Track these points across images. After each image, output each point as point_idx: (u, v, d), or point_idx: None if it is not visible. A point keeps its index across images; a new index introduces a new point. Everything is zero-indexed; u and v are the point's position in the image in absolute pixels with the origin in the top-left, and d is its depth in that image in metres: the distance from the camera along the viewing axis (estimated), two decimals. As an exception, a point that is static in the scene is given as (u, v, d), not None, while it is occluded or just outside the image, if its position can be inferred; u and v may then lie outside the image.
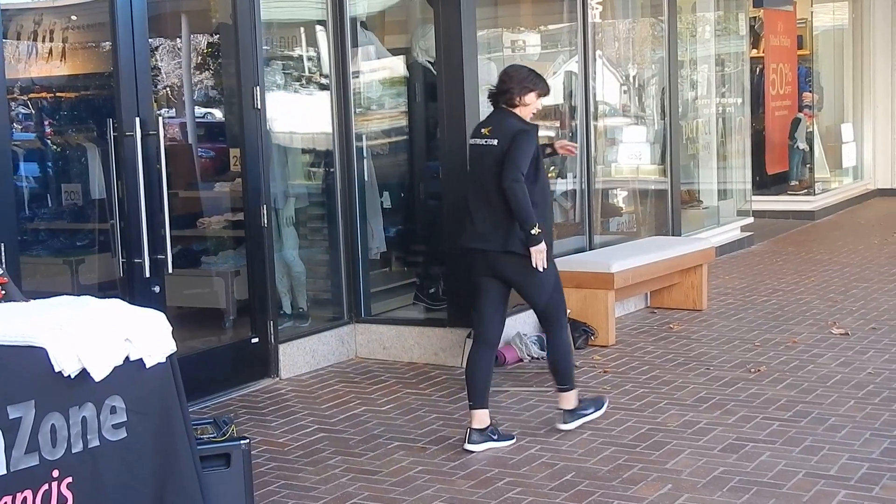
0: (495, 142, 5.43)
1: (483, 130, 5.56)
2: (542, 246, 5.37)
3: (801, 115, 14.56)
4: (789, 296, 9.11)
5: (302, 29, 7.85)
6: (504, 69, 5.75)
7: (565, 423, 5.65)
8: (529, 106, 5.52)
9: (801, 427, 5.60)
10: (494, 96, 5.59)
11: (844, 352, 7.14)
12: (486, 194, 5.46)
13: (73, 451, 3.39)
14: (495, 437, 5.44)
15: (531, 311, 7.54)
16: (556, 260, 7.06)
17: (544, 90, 5.58)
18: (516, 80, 5.50)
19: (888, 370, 6.63)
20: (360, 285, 7.54)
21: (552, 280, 5.57)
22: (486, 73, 8.34)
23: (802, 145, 14.56)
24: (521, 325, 7.48)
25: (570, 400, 5.65)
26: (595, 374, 6.82)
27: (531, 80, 5.51)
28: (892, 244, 11.70)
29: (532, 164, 5.36)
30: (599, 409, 5.75)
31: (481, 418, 5.44)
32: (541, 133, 9.25)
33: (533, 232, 5.30)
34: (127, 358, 3.57)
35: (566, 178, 9.16)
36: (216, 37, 8.20)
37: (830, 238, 12.53)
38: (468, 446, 5.38)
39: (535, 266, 5.37)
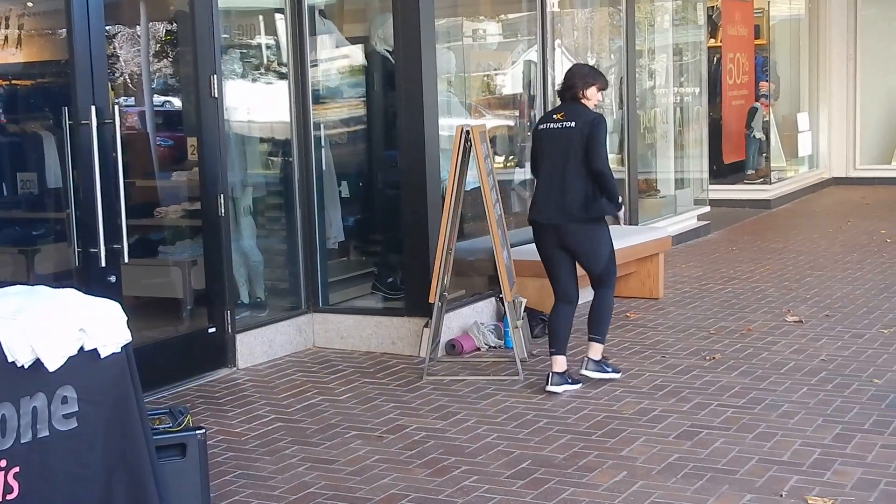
0: (573, 124, 6.15)
1: (556, 116, 6.28)
2: (624, 208, 6.45)
3: (757, 104, 14.67)
4: (745, 284, 9.20)
5: (260, 17, 7.82)
6: (569, 68, 6.50)
7: (587, 369, 6.29)
8: (591, 99, 6.27)
9: (754, 414, 5.67)
10: (562, 92, 6.35)
11: (798, 339, 7.22)
12: (563, 173, 6.15)
13: (22, 442, 3.38)
14: (570, 382, 6.19)
15: (488, 300, 7.63)
16: (514, 249, 7.15)
17: (604, 84, 6.35)
18: (579, 76, 6.28)
19: (841, 357, 6.72)
20: (317, 275, 7.54)
21: (608, 251, 6.32)
22: (446, 63, 8.35)
23: (759, 134, 14.68)
24: (479, 315, 7.51)
25: (597, 350, 6.32)
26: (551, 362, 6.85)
27: (592, 76, 6.30)
28: (847, 232, 11.84)
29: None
30: (617, 373, 6.38)
31: (561, 363, 6.19)
32: (498, 123, 9.34)
33: (619, 201, 6.25)
34: (81, 348, 3.57)
35: (523, 167, 9.19)
36: (174, 25, 8.15)
37: (786, 227, 12.65)
38: (550, 388, 6.11)
39: (621, 219, 6.72)
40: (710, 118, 13.52)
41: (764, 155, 14.85)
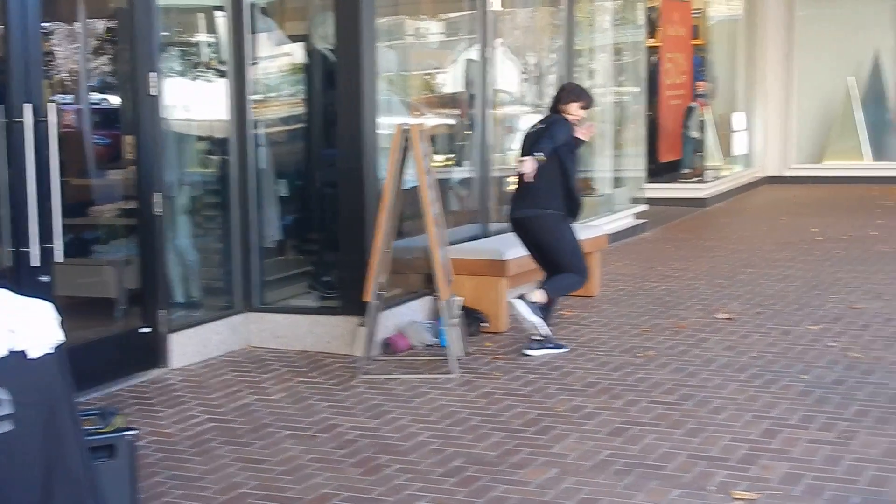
0: (543, 126, 7.07)
1: (537, 123, 7.24)
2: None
3: (694, 103, 14.86)
4: (678, 281, 9.32)
5: (201, 14, 7.79)
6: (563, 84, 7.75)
7: (522, 299, 6.92)
8: (573, 114, 7.06)
9: (684, 410, 5.76)
10: (551, 104, 7.31)
11: (729, 336, 7.34)
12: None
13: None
14: (550, 346, 6.99)
15: (424, 299, 7.67)
16: (451, 248, 7.20)
17: (587, 103, 7.19)
18: (565, 92, 7.24)
19: (770, 354, 6.84)
20: (253, 274, 7.52)
21: (570, 245, 7.12)
22: (386, 61, 8.36)
23: (695, 134, 14.86)
24: (415, 313, 7.55)
25: (538, 295, 6.94)
26: (486, 360, 6.92)
27: (575, 94, 7.19)
28: (779, 230, 12.03)
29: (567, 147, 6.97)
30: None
31: (538, 295, 6.93)
32: (439, 122, 9.36)
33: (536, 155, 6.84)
34: (11, 349, 3.54)
35: (462, 165, 9.24)
36: (113, 21, 8.09)
37: (720, 225, 12.83)
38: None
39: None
40: (648, 117, 13.67)
41: (700, 154, 15.03)
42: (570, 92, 7.25)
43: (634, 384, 6.27)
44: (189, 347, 6.97)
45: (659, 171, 14.65)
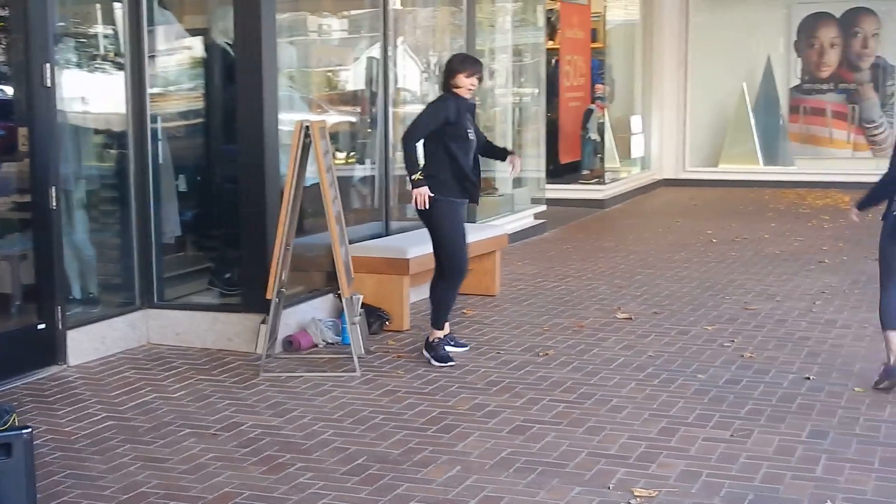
0: None
1: None
2: (423, 190, 6.64)
3: (593, 106, 15.04)
4: (578, 281, 9.43)
5: (98, 5, 7.64)
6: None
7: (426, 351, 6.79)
8: (462, 87, 6.74)
9: (585, 408, 5.83)
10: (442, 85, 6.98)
11: (628, 335, 7.45)
12: None
13: None
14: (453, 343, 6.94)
15: (326, 296, 7.64)
16: (353, 245, 7.17)
17: (474, 70, 6.78)
18: (450, 65, 6.84)
19: (667, 353, 6.96)
20: (152, 270, 7.41)
21: (450, 236, 6.76)
22: (288, 57, 8.31)
23: (594, 136, 15.05)
24: (317, 311, 7.51)
25: (434, 333, 6.83)
26: (389, 358, 6.92)
27: (458, 64, 6.80)
28: (676, 232, 12.25)
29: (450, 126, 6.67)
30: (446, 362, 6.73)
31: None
32: (340, 119, 9.32)
33: (411, 178, 6.70)
34: None
35: (364, 163, 9.22)
36: (6, 10, 7.89)
37: (618, 226, 13.01)
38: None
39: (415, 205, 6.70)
40: (548, 119, 13.80)
41: (598, 156, 15.22)
42: (457, 63, 6.81)
43: (535, 383, 6.33)
44: (87, 344, 6.83)
45: (559, 172, 14.80)
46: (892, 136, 16.22)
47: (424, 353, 6.82)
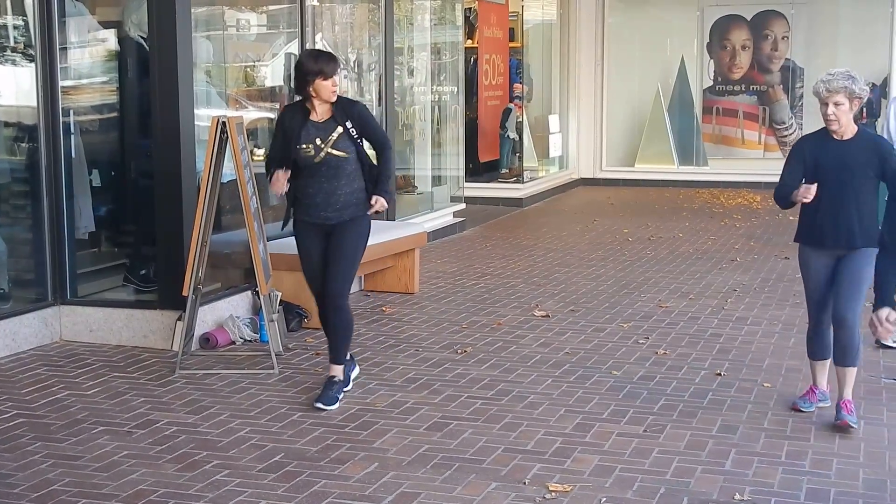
0: None
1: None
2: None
3: (511, 105, 15.12)
4: (496, 280, 9.48)
5: (7, -5, 7.49)
6: None
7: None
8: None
9: (502, 405, 5.87)
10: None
11: (545, 333, 7.52)
12: None
13: None
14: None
15: (244, 293, 7.59)
16: (271, 242, 7.12)
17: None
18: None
19: (583, 350, 7.04)
20: (65, 265, 7.30)
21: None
22: (205, 52, 8.23)
23: (512, 135, 15.13)
24: (234, 308, 7.46)
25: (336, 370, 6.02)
26: (307, 356, 6.90)
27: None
28: (593, 231, 12.37)
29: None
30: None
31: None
32: (258, 115, 9.25)
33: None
34: None
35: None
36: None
37: (537, 224, 13.10)
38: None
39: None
40: (467, 117, 13.85)
41: (517, 154, 15.31)
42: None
43: (453, 380, 6.36)
44: (-3, 341, 6.71)
45: (478, 170, 14.86)
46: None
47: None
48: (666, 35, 17.53)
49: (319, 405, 5.75)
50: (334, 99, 5.91)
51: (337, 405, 5.80)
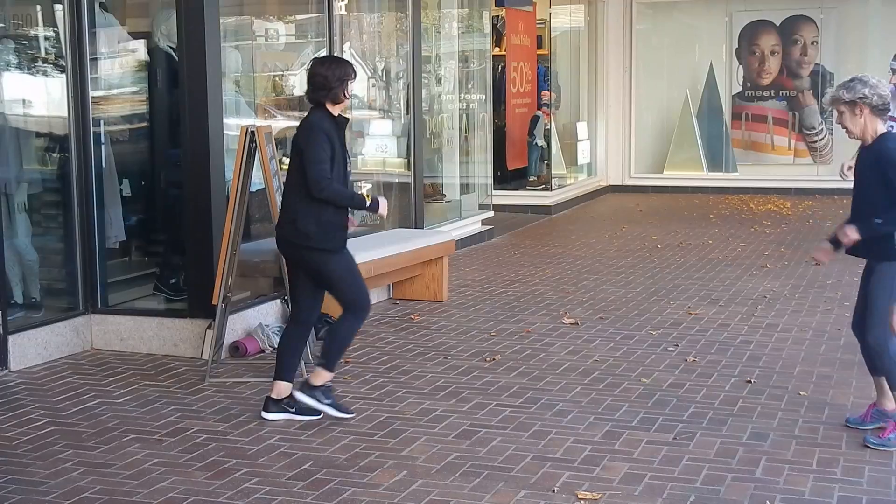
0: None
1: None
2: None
3: (539, 112, 15.10)
4: (525, 287, 9.47)
5: (38, 7, 7.57)
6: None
7: (299, 391, 5.71)
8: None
9: (531, 413, 5.86)
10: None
11: (574, 340, 7.50)
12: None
13: None
14: (292, 410, 5.72)
15: (273, 301, 7.61)
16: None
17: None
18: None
19: (612, 358, 7.02)
20: (96, 275, 7.35)
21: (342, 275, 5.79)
22: (233, 62, 8.27)
23: (541, 142, 15.11)
24: (263, 317, 7.48)
25: (319, 377, 5.73)
26: (336, 363, 6.90)
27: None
28: (621, 238, 12.34)
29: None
30: (339, 411, 5.74)
31: (280, 389, 5.74)
32: (287, 124, 9.26)
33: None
34: None
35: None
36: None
37: (565, 232, 13.08)
38: (264, 414, 5.72)
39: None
40: (495, 125, 13.85)
41: (545, 162, 15.29)
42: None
43: (482, 387, 6.35)
44: (29, 349, 6.76)
45: (506, 178, 14.86)
46: (831, 142, 16.47)
47: (299, 396, 5.74)
48: (694, 41, 17.49)
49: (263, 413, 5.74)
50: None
51: (277, 417, 5.71)
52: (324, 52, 9.16)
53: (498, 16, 14.46)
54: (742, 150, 17.19)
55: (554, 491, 4.73)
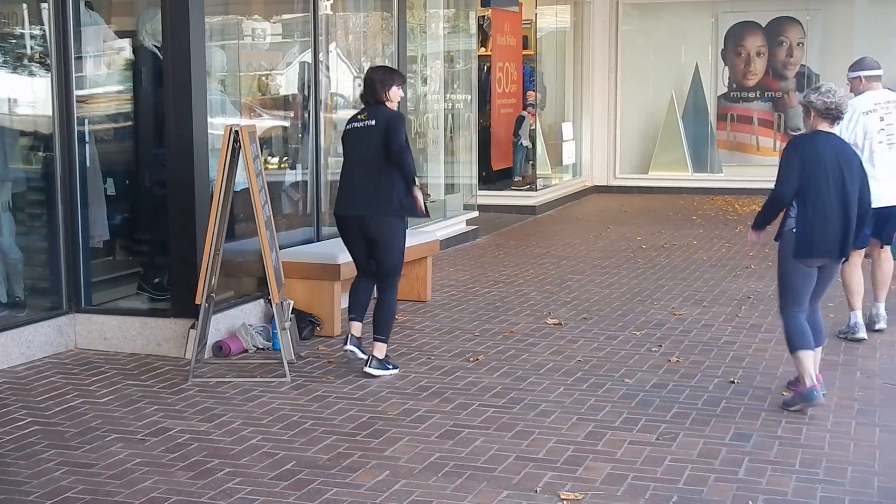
0: (373, 122, 6.62)
1: (359, 116, 6.74)
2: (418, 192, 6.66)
3: (524, 113, 15.12)
4: (509, 287, 9.49)
5: (24, 5, 7.54)
6: (367, 72, 6.94)
7: (371, 367, 6.57)
8: (393, 100, 6.72)
9: (513, 413, 5.87)
10: (364, 96, 6.81)
11: (557, 341, 7.52)
12: (370, 168, 6.60)
13: None
14: (390, 367, 6.70)
15: (256, 301, 7.61)
16: (283, 251, 7.15)
17: (401, 81, 6.85)
18: (378, 80, 6.72)
19: (596, 358, 7.04)
20: (80, 274, 7.33)
21: (402, 247, 6.76)
22: (219, 61, 8.26)
23: (526, 142, 15.13)
24: (247, 316, 7.48)
25: (380, 350, 6.61)
26: (320, 363, 6.91)
27: (390, 77, 6.76)
28: (606, 239, 12.37)
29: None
30: (397, 369, 6.69)
31: (357, 328, 6.70)
32: (272, 124, 9.29)
33: (417, 182, 6.65)
34: None
35: (295, 168, 9.19)
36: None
37: (550, 232, 13.10)
38: (368, 369, 6.60)
39: (416, 205, 6.61)
40: (480, 125, 13.86)
41: (530, 162, 15.31)
42: (384, 78, 6.75)
43: (465, 388, 6.36)
44: (12, 348, 6.75)
45: (491, 178, 14.87)
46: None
47: (373, 370, 6.58)
48: (680, 42, 17.53)
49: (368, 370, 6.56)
50: None
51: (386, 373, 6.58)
52: (309, 52, 9.16)
53: (484, 16, 14.48)
54: (727, 150, 17.25)
55: (536, 491, 4.74)
